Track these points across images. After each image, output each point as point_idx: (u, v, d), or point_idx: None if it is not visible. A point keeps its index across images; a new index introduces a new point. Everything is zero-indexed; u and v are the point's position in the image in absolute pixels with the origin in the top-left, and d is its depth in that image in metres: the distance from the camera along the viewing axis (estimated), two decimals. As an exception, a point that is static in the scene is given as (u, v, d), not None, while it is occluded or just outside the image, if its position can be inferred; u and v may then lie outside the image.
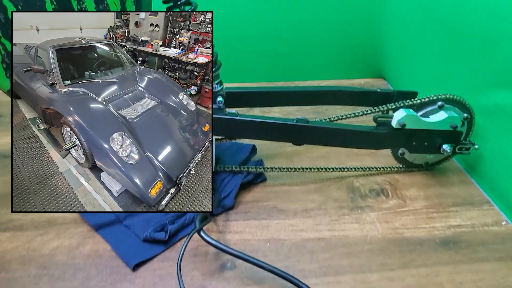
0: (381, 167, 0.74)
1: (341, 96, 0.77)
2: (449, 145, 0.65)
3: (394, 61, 1.04)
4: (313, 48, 1.06)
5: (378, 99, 0.76)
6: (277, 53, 1.05)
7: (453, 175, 0.73)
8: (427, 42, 0.86)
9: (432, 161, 0.72)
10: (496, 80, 0.65)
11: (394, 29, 1.00)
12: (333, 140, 0.65)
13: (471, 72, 0.72)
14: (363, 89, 0.77)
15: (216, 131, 0.63)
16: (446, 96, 0.65)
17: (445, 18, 0.78)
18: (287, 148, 0.81)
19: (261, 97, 0.75)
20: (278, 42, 1.03)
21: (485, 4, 0.66)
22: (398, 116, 0.63)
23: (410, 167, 0.73)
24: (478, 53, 0.70)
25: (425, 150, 0.67)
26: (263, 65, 1.06)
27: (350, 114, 0.67)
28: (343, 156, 0.78)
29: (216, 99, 0.62)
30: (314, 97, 0.77)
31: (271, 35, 1.02)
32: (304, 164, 0.74)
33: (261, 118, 0.62)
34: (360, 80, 1.11)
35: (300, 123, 0.62)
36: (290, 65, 1.07)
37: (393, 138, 0.65)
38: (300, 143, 0.65)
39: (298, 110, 0.95)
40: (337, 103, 0.78)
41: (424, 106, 0.66)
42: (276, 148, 0.80)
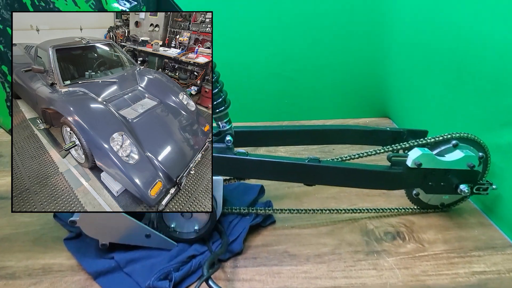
0: (395, 208, 0.70)
1: (349, 135, 0.75)
2: (467, 185, 0.63)
3: (400, 100, 1.04)
4: (318, 87, 1.06)
5: (388, 138, 0.74)
6: (282, 93, 1.05)
7: (471, 217, 0.70)
8: (434, 81, 0.86)
9: (448, 202, 0.69)
10: (510, 119, 0.64)
11: (399, 68, 1.00)
12: (347, 181, 0.62)
13: (482, 111, 0.71)
14: (372, 128, 0.76)
15: (225, 171, 0.60)
16: (461, 134, 0.63)
17: (452, 57, 0.78)
18: (295, 188, 0.78)
19: (267, 136, 0.73)
20: (283, 82, 1.04)
21: (494, 44, 0.66)
22: (414, 155, 0.60)
23: (425, 208, 0.70)
24: (488, 91, 0.69)
25: (442, 191, 0.64)
26: (268, 104, 1.06)
27: (363, 153, 0.64)
28: (353, 197, 0.75)
29: (225, 138, 0.60)
30: (321, 136, 0.75)
31: (277, 74, 1.02)
32: (314, 205, 0.71)
33: (271, 158, 0.59)
34: (365, 119, 1.11)
35: (312, 163, 0.59)
36: (295, 104, 1.07)
37: (409, 178, 0.63)
38: (312, 183, 0.62)
39: (304, 150, 0.93)
40: (345, 142, 0.76)
41: (438, 145, 0.64)
42: (284, 189, 0.77)
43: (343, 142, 0.76)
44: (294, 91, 1.06)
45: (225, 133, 0.61)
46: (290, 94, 1.06)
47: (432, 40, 0.85)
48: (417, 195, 0.68)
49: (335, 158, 0.66)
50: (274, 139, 0.74)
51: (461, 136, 0.63)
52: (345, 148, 0.92)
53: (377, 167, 0.62)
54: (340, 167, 0.60)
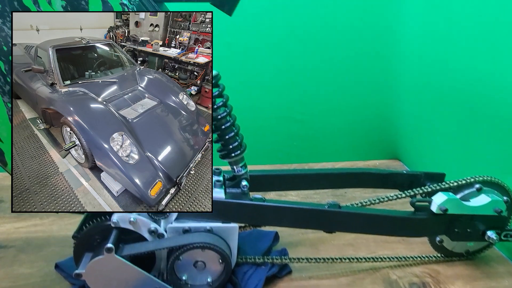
0: (418, 256, 0.67)
1: (364, 178, 0.72)
2: (494, 231, 0.59)
3: (410, 142, 1.02)
4: (327, 130, 1.06)
5: (404, 182, 0.71)
6: (291, 135, 1.04)
7: (499, 265, 0.66)
8: (445, 121, 0.86)
9: (473, 249, 0.66)
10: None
11: (408, 109, 1.00)
12: (369, 227, 0.59)
13: (500, 152, 0.69)
14: (389, 171, 0.73)
15: (241, 218, 0.57)
16: (484, 178, 0.61)
17: (463, 96, 0.78)
18: (310, 234, 0.74)
19: (278, 180, 0.70)
20: (292, 124, 1.03)
21: (507, 83, 0.65)
22: (439, 200, 0.58)
23: (449, 256, 0.66)
24: (504, 131, 0.68)
25: (468, 238, 0.61)
26: (277, 147, 1.05)
27: (383, 198, 0.62)
28: (372, 243, 0.72)
29: (241, 183, 0.58)
30: (335, 180, 0.73)
31: (286, 117, 1.02)
32: (332, 253, 0.67)
33: (290, 204, 0.57)
34: (375, 161, 1.09)
35: (333, 209, 0.56)
36: (304, 147, 1.05)
37: (434, 224, 0.60)
38: (332, 230, 0.59)
39: (315, 193, 0.89)
40: (360, 185, 0.74)
41: (461, 189, 0.62)
42: (298, 235, 0.74)
43: (359, 186, 0.73)
44: (304, 133, 1.05)
45: (241, 178, 0.58)
46: (300, 137, 1.05)
47: (441, 80, 0.85)
48: (441, 242, 0.64)
49: (355, 204, 0.63)
50: (286, 183, 0.71)
51: (484, 180, 0.61)
52: (357, 191, 0.89)
53: (401, 213, 0.59)
54: (362, 213, 0.57)
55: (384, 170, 0.77)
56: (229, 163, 0.58)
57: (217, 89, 0.54)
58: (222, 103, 0.55)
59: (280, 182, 0.70)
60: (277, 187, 0.71)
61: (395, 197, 0.61)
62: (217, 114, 0.55)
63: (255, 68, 0.98)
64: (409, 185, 0.71)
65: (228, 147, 0.57)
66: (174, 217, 0.56)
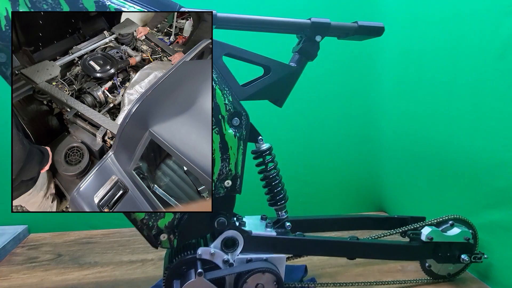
0: (413, 279, 0.88)
1: (367, 222, 0.96)
2: (466, 254, 0.82)
3: (393, 196, 1.27)
4: (325, 188, 1.29)
5: (396, 223, 0.94)
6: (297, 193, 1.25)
7: (472, 284, 0.88)
8: (421, 179, 1.11)
9: (453, 272, 0.88)
10: (486, 202, 0.87)
11: (390, 171, 1.27)
12: (379, 254, 0.81)
13: (465, 199, 0.94)
14: (384, 216, 0.97)
15: (287, 250, 0.77)
16: (454, 216, 0.85)
17: (435, 160, 1.04)
18: (328, 269, 0.94)
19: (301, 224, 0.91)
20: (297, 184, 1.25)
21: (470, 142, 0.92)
22: (426, 231, 0.81)
23: (436, 278, 0.88)
24: (466, 182, 0.93)
25: (449, 260, 0.83)
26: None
27: (386, 233, 0.84)
28: (377, 273, 0.92)
29: (285, 224, 0.78)
30: (344, 224, 0.95)
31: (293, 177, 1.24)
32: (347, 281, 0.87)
33: (322, 238, 0.78)
34: (363, 213, 1.32)
35: (353, 240, 0.78)
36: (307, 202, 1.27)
37: (424, 250, 0.82)
38: (353, 257, 0.80)
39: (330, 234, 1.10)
40: (364, 228, 0.96)
41: (440, 225, 0.85)
42: (319, 270, 0.93)
43: (363, 228, 0.96)
44: (307, 191, 1.27)
45: (284, 221, 0.79)
46: (304, 194, 1.27)
47: (416, 147, 1.12)
48: (429, 267, 0.86)
49: (368, 237, 0.84)
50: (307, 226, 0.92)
51: (455, 217, 0.85)
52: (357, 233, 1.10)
53: (401, 242, 0.82)
54: (374, 243, 0.79)
55: (381, 215, 1.01)
56: (275, 209, 0.79)
57: (270, 157, 0.77)
58: (273, 164, 0.77)
59: (305, 225, 0.91)
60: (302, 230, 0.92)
61: (394, 232, 0.84)
62: (269, 174, 0.77)
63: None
64: (400, 225, 0.94)
65: (276, 198, 0.78)
66: (239, 251, 0.75)
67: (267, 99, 0.75)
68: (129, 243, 1.09)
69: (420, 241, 0.82)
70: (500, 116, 0.82)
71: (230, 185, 0.71)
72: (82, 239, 1.12)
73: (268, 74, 0.72)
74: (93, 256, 1.01)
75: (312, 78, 0.98)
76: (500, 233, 0.84)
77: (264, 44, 0.85)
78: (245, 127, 0.70)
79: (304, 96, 1.18)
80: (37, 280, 0.89)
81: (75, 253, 1.03)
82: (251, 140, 0.74)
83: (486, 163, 0.86)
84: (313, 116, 1.25)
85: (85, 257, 1.01)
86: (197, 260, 0.71)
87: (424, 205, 1.10)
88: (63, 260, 0.99)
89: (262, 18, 0.70)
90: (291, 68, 0.74)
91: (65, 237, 1.14)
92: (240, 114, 0.69)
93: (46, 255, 1.01)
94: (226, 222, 0.72)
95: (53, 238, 1.13)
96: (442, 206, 1.01)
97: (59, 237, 1.13)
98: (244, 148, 0.70)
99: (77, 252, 1.03)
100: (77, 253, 1.03)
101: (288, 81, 0.74)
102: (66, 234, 1.15)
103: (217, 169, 0.69)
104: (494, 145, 0.84)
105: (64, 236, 1.14)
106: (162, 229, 0.70)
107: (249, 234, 0.74)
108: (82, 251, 1.04)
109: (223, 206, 0.72)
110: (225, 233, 0.73)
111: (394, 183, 1.26)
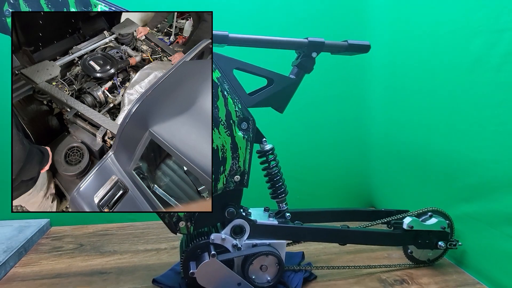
0: (397, 264, 1.00)
1: (357, 214, 1.08)
2: (443, 242, 0.95)
3: (381, 192, 1.40)
4: (319, 185, 1.41)
5: (383, 215, 1.06)
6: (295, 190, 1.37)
7: (449, 268, 1.00)
8: (405, 178, 1.24)
9: (432, 258, 1.00)
10: (461, 197, 0.99)
11: (379, 169, 1.39)
12: (368, 240, 0.93)
13: (441, 193, 1.07)
14: (373, 209, 1.09)
15: (287, 236, 0.89)
16: (433, 208, 0.97)
17: (418, 162, 1.17)
18: (323, 256, 1.06)
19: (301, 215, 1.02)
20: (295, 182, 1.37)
21: (447, 145, 1.05)
22: (407, 221, 0.93)
23: (417, 263, 1.00)
24: (444, 180, 1.05)
25: (428, 246, 0.96)
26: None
27: (373, 223, 0.96)
28: (366, 259, 1.04)
29: (285, 214, 0.90)
30: (338, 215, 1.07)
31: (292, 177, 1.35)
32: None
33: (319, 226, 0.90)
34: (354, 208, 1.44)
35: (344, 228, 0.90)
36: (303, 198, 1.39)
37: (405, 237, 0.94)
38: (344, 243, 0.92)
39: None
40: (355, 219, 1.08)
41: (420, 216, 0.97)
42: (314, 257, 1.05)
43: (354, 220, 1.07)
44: (304, 189, 1.39)
45: (284, 211, 0.91)
46: (301, 191, 1.39)
47: (402, 151, 1.25)
48: (411, 253, 0.98)
49: (358, 226, 0.96)
50: (306, 217, 1.03)
51: (433, 209, 0.97)
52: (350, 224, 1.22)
53: (386, 230, 0.94)
54: (363, 230, 0.91)
55: (370, 208, 1.13)
56: (277, 202, 0.91)
57: (272, 156, 0.89)
58: (275, 162, 0.89)
59: (303, 216, 1.03)
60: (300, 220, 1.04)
61: (380, 222, 0.96)
62: (271, 171, 0.89)
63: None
64: (387, 217, 1.06)
65: (277, 192, 0.90)
66: (246, 237, 0.86)
67: (271, 106, 0.86)
68: (143, 234, 1.21)
69: (402, 229, 0.94)
70: (472, 121, 0.94)
71: (239, 179, 0.82)
72: (100, 231, 1.23)
73: (272, 85, 0.84)
74: (112, 245, 1.13)
75: (309, 88, 1.10)
76: (473, 223, 0.96)
77: (268, 58, 0.96)
78: (252, 130, 0.81)
79: (302, 104, 1.29)
80: (65, 265, 1.00)
81: (95, 243, 1.14)
82: (256, 141, 0.86)
83: (461, 163, 0.99)
84: (309, 121, 1.37)
85: (105, 246, 1.12)
86: (210, 244, 0.83)
87: (408, 200, 1.22)
88: (85, 249, 1.10)
89: (266, 38, 0.82)
90: (291, 79, 0.86)
91: (84, 229, 1.25)
92: (248, 119, 0.81)
93: (70, 245, 1.13)
94: (235, 212, 0.84)
95: (73, 230, 1.24)
96: (423, 200, 1.13)
97: (78, 229, 1.24)
98: (251, 148, 0.82)
99: (97, 242, 1.15)
100: (97, 243, 1.14)
101: (288, 91, 0.86)
102: (84, 227, 1.26)
103: (228, 165, 0.80)
104: (467, 147, 0.96)
105: (83, 228, 1.25)
106: (181, 217, 0.81)
107: (255, 222, 0.86)
108: (101, 242, 1.15)
109: (232, 198, 0.84)
110: (234, 221, 0.84)
111: (381, 181, 1.39)
